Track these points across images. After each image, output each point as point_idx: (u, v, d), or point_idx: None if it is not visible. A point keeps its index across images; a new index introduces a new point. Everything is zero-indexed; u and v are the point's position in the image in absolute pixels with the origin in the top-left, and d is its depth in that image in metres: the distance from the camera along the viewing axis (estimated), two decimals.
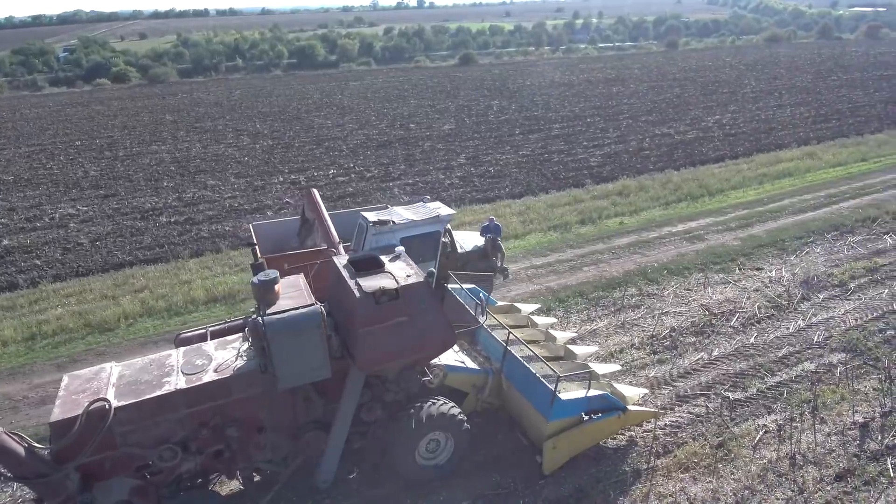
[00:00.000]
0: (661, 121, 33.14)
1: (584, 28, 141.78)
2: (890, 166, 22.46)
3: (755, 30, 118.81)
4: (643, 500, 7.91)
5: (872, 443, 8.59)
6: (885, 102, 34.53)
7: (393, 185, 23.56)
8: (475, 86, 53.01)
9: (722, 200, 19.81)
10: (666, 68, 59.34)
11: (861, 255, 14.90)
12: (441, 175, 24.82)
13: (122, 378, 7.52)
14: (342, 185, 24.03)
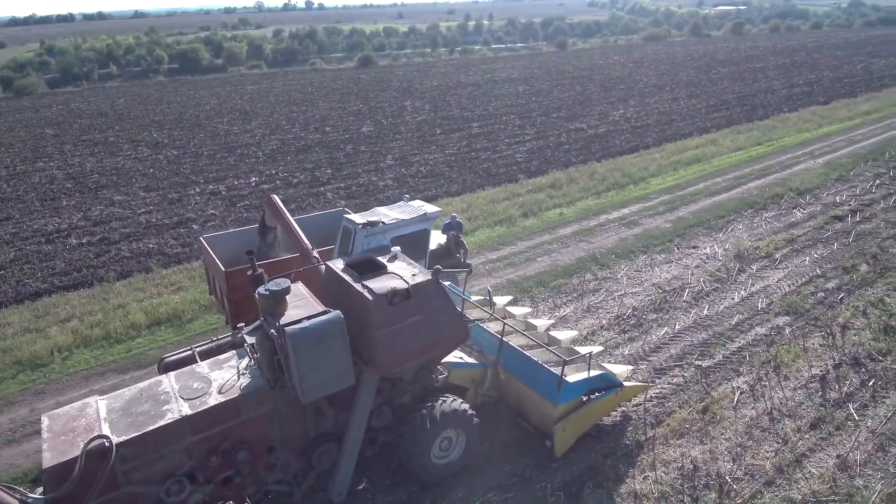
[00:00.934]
0: (572, 117, 34.94)
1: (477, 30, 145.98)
2: (782, 148, 25.29)
3: (633, 30, 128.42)
4: (651, 469, 8.41)
5: (832, 392, 9.71)
6: (763, 92, 38.75)
7: (325, 190, 22.99)
8: (382, 87, 53.13)
9: (645, 187, 21.31)
10: (562, 67, 62.61)
11: (778, 229, 16.69)
12: (374, 177, 24.59)
13: (112, 412, 6.86)
14: (269, 192, 23.06)
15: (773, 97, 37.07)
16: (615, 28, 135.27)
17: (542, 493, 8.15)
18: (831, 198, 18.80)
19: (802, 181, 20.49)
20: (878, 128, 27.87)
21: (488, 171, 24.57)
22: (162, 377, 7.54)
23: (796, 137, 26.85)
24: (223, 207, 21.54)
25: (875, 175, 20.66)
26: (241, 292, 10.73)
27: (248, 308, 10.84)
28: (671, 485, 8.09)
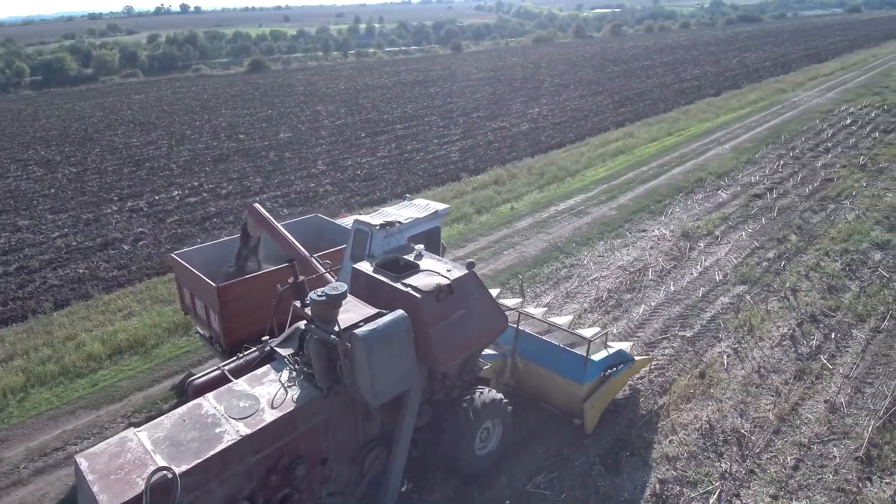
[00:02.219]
0: (492, 116, 36.08)
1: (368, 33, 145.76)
2: (691, 137, 27.81)
3: (520, 32, 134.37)
4: (672, 432, 9.11)
5: (803, 347, 11.01)
6: (658, 87, 42.23)
7: (260, 200, 22.10)
8: (286, 92, 51.99)
9: (582, 179, 22.60)
10: (466, 69, 64.28)
11: (710, 209, 18.43)
12: (310, 183, 24.02)
13: (158, 442, 6.38)
14: (198, 206, 21.83)
15: (668, 91, 40.53)
16: (504, 31, 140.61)
17: (583, 468, 8.57)
18: (746, 179, 21.03)
19: (718, 165, 22.72)
20: (768, 115, 31.46)
21: (427, 171, 24.85)
22: (200, 400, 7.08)
23: (700, 127, 29.64)
24: (151, 225, 20.08)
25: (778, 156, 23.37)
26: (234, 308, 10.23)
27: (242, 324, 10.38)
28: (695, 444, 8.82)
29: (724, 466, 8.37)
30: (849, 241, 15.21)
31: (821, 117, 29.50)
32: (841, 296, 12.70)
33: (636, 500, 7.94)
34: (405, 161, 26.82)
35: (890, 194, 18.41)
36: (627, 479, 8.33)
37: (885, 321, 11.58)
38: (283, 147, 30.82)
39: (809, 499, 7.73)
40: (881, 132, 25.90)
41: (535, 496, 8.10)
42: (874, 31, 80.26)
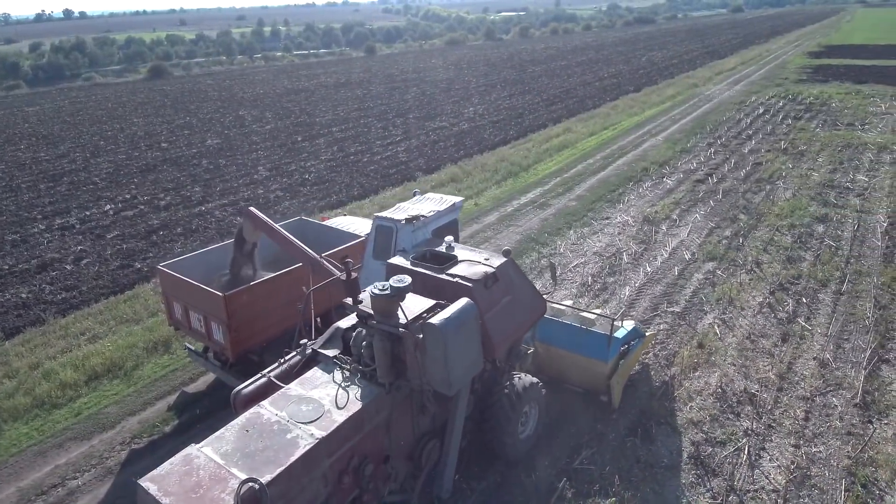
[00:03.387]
0: (428, 116, 36.36)
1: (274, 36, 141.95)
2: (625, 131, 29.45)
3: (431, 34, 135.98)
4: (689, 399, 9.74)
5: (780, 313, 12.09)
6: (582, 85, 44.26)
7: (207, 210, 21.09)
8: (200, 98, 50.01)
9: (536, 173, 23.37)
10: (386, 71, 64.31)
11: (661, 195, 19.67)
12: (258, 190, 23.19)
13: (227, 455, 6.10)
14: (137, 219, 20.50)
15: (592, 89, 42.62)
16: (415, 33, 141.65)
17: (618, 440, 8.98)
18: (686, 166, 22.63)
19: (657, 155, 24.26)
20: (688, 107, 33.91)
21: (379, 172, 24.70)
22: (256, 409, 6.79)
23: (631, 120, 31.46)
24: (89, 242, 18.60)
25: (708, 145, 25.30)
26: (241, 317, 9.81)
27: (249, 333, 9.99)
28: (713, 408, 9.48)
29: (745, 424, 9.08)
30: (792, 217, 16.82)
31: (736, 108, 32.23)
32: (799, 265, 14.05)
33: (676, 465, 8.44)
34: (353, 163, 26.51)
35: (815, 174, 20.51)
36: (662, 445, 8.82)
37: (845, 284, 12.95)
38: (215, 154, 29.56)
39: (826, 444, 8.57)
40: (793, 119, 28.73)
41: (581, 472, 8.39)
42: (760, 29, 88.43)
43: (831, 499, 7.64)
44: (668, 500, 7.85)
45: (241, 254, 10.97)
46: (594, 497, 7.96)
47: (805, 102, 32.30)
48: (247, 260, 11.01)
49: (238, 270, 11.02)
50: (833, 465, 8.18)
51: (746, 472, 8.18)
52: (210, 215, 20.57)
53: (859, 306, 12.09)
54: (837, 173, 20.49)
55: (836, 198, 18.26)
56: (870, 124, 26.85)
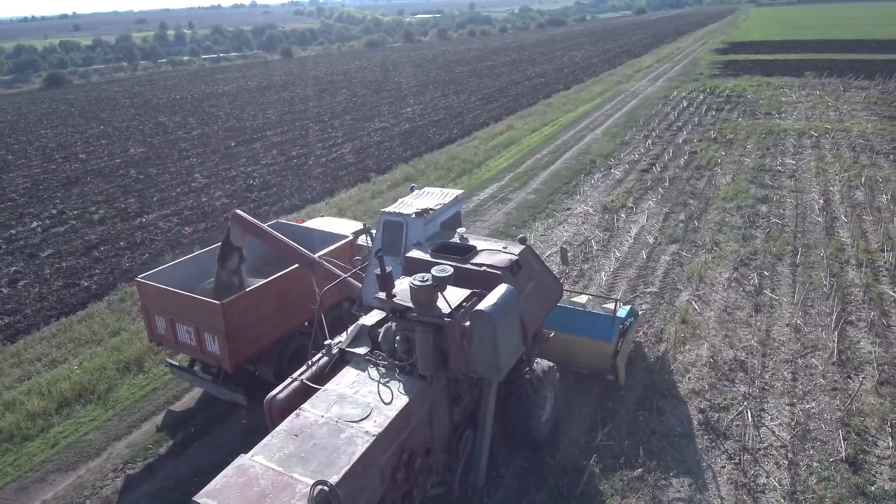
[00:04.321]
0: (366, 117, 36.08)
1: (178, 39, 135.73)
2: (564, 126, 30.54)
3: (347, 37, 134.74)
4: (686, 371, 10.33)
5: (747, 286, 13.05)
6: (512, 84, 45.39)
7: (149, 221, 19.93)
8: (111, 106, 47.59)
9: (489, 170, 23.79)
10: (310, 73, 63.28)
11: (612, 185, 20.61)
12: (201, 198, 22.16)
13: (284, 461, 5.94)
14: (70, 235, 19.11)
15: (523, 88, 43.84)
16: (330, 35, 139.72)
17: (630, 415, 9.39)
18: (629, 157, 23.82)
19: (600, 148, 25.37)
20: (617, 103, 35.63)
21: (327, 174, 24.29)
22: (299, 413, 6.58)
23: (568, 117, 32.67)
24: (22, 262, 17.13)
25: (644, 137, 26.73)
26: (240, 326, 9.42)
27: (248, 342, 9.65)
28: (710, 377, 10.11)
29: (742, 389, 9.76)
30: (737, 199, 18.15)
31: (662, 102, 34.24)
32: (753, 242, 15.21)
33: (689, 432, 8.95)
34: (297, 167, 25.92)
35: (747, 159, 22.22)
36: (672, 416, 9.32)
37: (798, 257, 14.16)
38: (142, 163, 28.02)
39: (817, 401, 9.37)
40: (715, 111, 30.91)
41: (604, 448, 8.71)
42: (666, 29, 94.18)
43: (833, 448, 8.38)
44: (690, 465, 8.31)
45: (228, 260, 10.50)
46: (621, 470, 8.29)
47: (723, 95, 34.84)
48: (233, 266, 10.54)
49: (224, 277, 10.54)
50: (827, 418, 8.98)
51: (753, 433, 8.81)
52: (153, 227, 19.44)
53: (815, 275, 13.27)
54: (767, 158, 22.30)
55: (770, 180, 19.89)
56: (785, 113, 29.39)
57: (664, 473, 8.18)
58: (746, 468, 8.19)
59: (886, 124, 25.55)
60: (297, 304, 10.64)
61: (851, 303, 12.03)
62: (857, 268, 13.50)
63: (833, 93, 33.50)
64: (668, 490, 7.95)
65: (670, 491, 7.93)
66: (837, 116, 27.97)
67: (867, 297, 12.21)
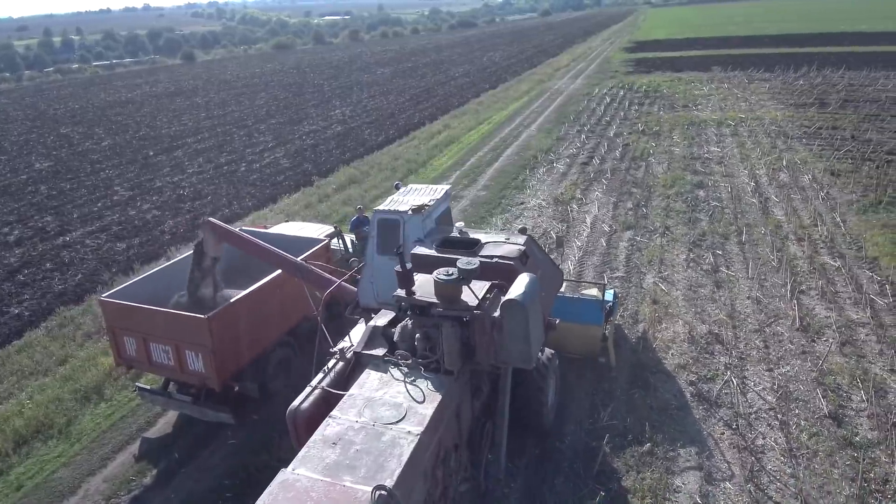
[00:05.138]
0: (293, 121, 35.19)
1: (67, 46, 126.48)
2: (499, 124, 31.18)
3: (252, 39, 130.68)
4: (668, 348, 10.88)
5: (704, 265, 13.91)
6: (439, 84, 45.78)
7: (75, 239, 18.46)
8: (1, 119, 43.21)
9: (434, 168, 23.88)
10: (220, 77, 61.01)
11: (558, 179, 21.29)
12: (129, 210, 20.80)
13: (330, 470, 5.79)
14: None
15: (449, 88, 44.33)
16: (234, 38, 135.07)
17: (626, 394, 9.77)
18: (567, 152, 24.70)
19: (538, 144, 26.13)
20: (544, 100, 36.81)
21: (265, 180, 23.52)
22: (330, 420, 6.37)
23: (500, 115, 33.37)
24: None
25: (577, 131, 27.79)
26: (226, 339, 8.96)
27: (234, 355, 9.23)
28: (691, 352, 10.71)
29: (723, 360, 10.42)
30: (676, 186, 19.30)
31: (586, 99, 35.74)
32: (700, 225, 16.24)
33: (684, 405, 9.44)
34: (229, 174, 24.88)
35: (676, 149, 23.66)
36: (665, 391, 9.79)
37: (743, 236, 15.27)
38: (51, 178, 26.03)
39: (790, 364, 10.18)
40: (637, 105, 32.67)
41: (610, 428, 9.01)
42: (574, 30, 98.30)
43: (815, 406, 9.13)
44: (693, 435, 8.78)
45: (201, 271, 9.91)
46: (631, 447, 8.62)
47: (641, 91, 36.89)
48: (206, 277, 9.97)
49: (197, 290, 9.96)
50: (804, 379, 9.77)
51: (742, 399, 9.43)
52: (80, 245, 18.02)
53: (761, 251, 14.38)
54: (694, 147, 23.87)
55: (702, 167, 21.31)
56: (700, 105, 31.56)
57: (671, 446, 8.59)
58: (744, 432, 8.76)
59: (794, 112, 28.08)
60: (279, 313, 10.26)
61: (799, 273, 13.15)
62: (796, 242, 14.77)
63: (739, 85, 36.37)
64: (677, 461, 8.35)
65: (680, 461, 8.34)
66: (748, 106, 30.41)
67: (812, 267, 13.39)
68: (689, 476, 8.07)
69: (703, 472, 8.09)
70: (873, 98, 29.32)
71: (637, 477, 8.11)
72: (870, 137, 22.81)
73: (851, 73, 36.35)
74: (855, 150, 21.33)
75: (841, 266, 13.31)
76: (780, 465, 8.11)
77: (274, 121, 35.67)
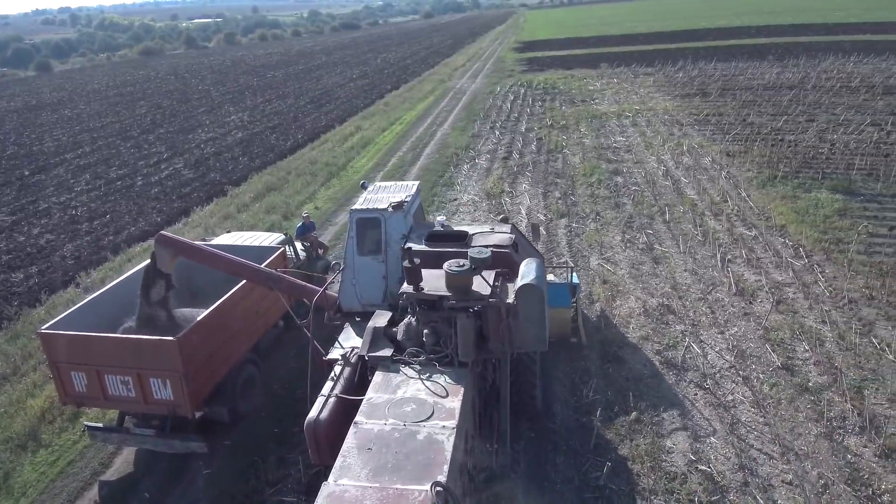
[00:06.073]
0: (185, 129, 33.24)
1: None
2: (411, 123, 31.34)
3: (113, 46, 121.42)
4: (627, 323, 11.60)
5: (639, 245, 14.94)
6: (339, 87, 45.09)
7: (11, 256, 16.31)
8: None
9: (356, 170, 23.56)
10: (88, 87, 56.57)
11: (483, 174, 21.82)
12: (17, 237, 18.77)
13: (375, 475, 5.75)
14: None
15: (350, 90, 43.85)
16: (93, 45, 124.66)
17: (601, 369, 10.33)
18: (485, 148, 25.38)
19: (456, 142, 26.60)
20: (451, 99, 37.50)
21: (169, 193, 22.14)
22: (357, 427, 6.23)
23: (411, 115, 33.55)
24: None
25: (490, 128, 28.61)
26: (197, 362, 8.42)
27: (206, 377, 8.72)
28: (649, 324, 11.49)
29: (679, 328, 11.30)
30: (595, 175, 20.49)
31: (491, 97, 36.83)
32: (625, 209, 17.39)
33: (656, 373, 10.14)
34: (125, 189, 23.12)
35: (586, 140, 25.10)
36: (635, 362, 10.46)
37: (666, 215, 16.55)
38: None
39: (737, 326, 11.24)
40: (540, 101, 34.19)
41: (595, 402, 9.46)
42: (460, 31, 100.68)
43: (768, 360, 10.18)
44: (670, 398, 9.47)
45: (153, 290, 9.18)
46: (619, 417, 9.13)
47: (540, 88, 38.63)
48: (160, 297, 9.25)
49: (149, 312, 9.21)
50: (753, 337, 10.84)
51: (704, 361, 10.30)
52: None
53: (685, 228, 15.69)
54: (601, 138, 25.43)
55: (613, 155, 22.78)
56: (597, 99, 33.64)
57: (655, 412, 9.21)
58: (714, 390, 9.58)
59: (681, 102, 30.75)
60: (245, 328, 9.77)
61: (723, 245, 14.50)
62: (713, 217, 16.27)
63: (627, 80, 39.16)
64: (664, 424, 8.97)
65: (666, 425, 8.97)
66: (640, 99, 32.87)
67: (732, 238, 14.84)
68: (678, 437, 8.71)
69: (689, 432, 8.77)
70: (746, 86, 32.83)
71: (632, 445, 8.62)
72: (752, 121, 25.56)
73: (722, 64, 40.39)
74: (742, 133, 23.81)
75: (757, 235, 14.87)
76: (753, 416, 8.98)
77: (163, 130, 33.44)
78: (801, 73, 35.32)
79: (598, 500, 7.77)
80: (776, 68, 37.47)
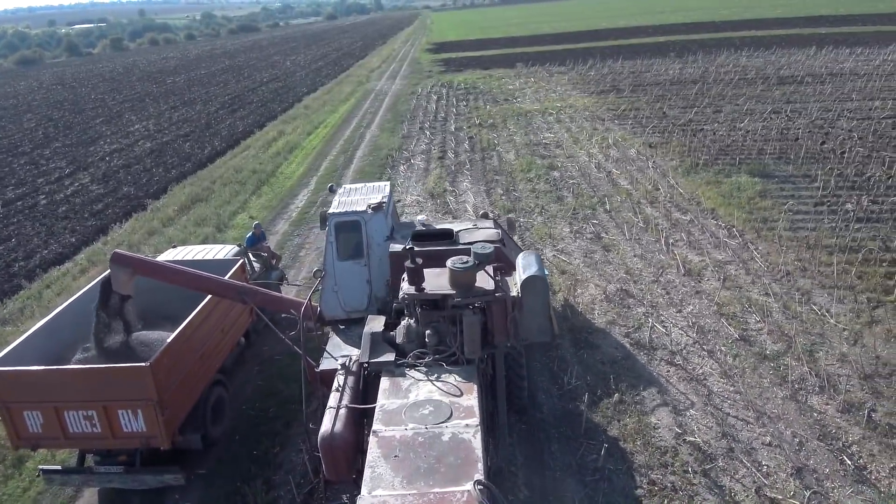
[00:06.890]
0: (84, 141, 31.02)
1: None
2: (337, 126, 30.84)
3: None
4: (592, 310, 12.07)
5: (587, 234, 15.56)
6: (249, 91, 43.52)
7: None
8: None
9: (288, 177, 22.93)
10: None
11: (422, 174, 21.88)
12: None
13: (411, 482, 5.78)
14: None
15: (262, 93, 42.50)
16: None
17: (576, 356, 10.69)
18: (418, 148, 25.45)
19: (387, 143, 26.46)
20: (373, 101, 37.23)
21: (80, 211, 20.78)
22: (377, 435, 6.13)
23: (334, 118, 33.00)
24: None
25: (420, 129, 28.68)
26: (170, 387, 7.92)
27: (180, 402, 8.21)
28: (612, 309, 12.01)
29: (640, 310, 11.88)
30: (532, 171, 21.09)
31: (414, 98, 36.90)
32: (567, 201, 18.04)
33: (629, 355, 10.62)
34: (28, 209, 21.36)
35: (517, 137, 25.76)
36: (608, 345, 10.91)
37: (606, 205, 17.33)
38: None
39: (692, 304, 11.97)
40: (464, 101, 34.68)
41: (578, 389, 9.78)
42: (369, 33, 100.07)
43: (726, 333, 10.93)
44: (647, 377, 9.96)
45: (109, 315, 8.51)
46: (605, 399, 9.48)
47: (461, 88, 39.18)
48: (114, 320, 8.60)
49: (105, 339, 8.52)
50: (709, 314, 11.60)
51: (670, 339, 10.91)
52: None
53: (625, 216, 16.51)
54: (530, 135, 26.20)
55: (545, 151, 23.54)
56: (519, 98, 34.60)
57: (635, 391, 9.64)
58: (684, 366, 10.17)
59: (597, 98, 32.23)
60: (213, 348, 9.27)
61: (664, 230, 15.40)
62: (649, 204, 17.22)
63: (542, 78, 40.54)
64: (645, 402, 9.42)
65: (647, 402, 9.42)
66: (558, 96, 34.14)
67: (670, 223, 15.79)
68: (661, 413, 9.18)
69: (669, 407, 9.26)
70: (654, 82, 34.95)
71: (620, 425, 8.99)
72: (667, 113, 27.26)
73: (629, 62, 42.76)
74: (660, 126, 25.34)
75: (692, 219, 15.92)
76: (724, 386, 9.62)
77: (59, 143, 30.98)
78: (700, 67, 38.06)
79: (600, 482, 8.04)
80: (678, 64, 40.15)
